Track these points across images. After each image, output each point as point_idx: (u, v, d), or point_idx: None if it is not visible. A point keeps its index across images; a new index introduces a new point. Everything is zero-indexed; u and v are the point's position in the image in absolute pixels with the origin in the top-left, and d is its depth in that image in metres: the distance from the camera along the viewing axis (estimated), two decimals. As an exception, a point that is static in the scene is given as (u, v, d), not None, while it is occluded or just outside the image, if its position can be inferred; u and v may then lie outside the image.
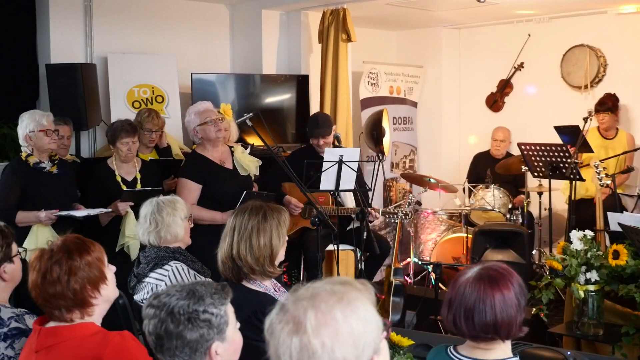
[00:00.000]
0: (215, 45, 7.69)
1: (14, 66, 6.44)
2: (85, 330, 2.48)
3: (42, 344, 2.44)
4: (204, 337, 2.06)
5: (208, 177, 5.09)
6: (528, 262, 6.43)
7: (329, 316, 1.54)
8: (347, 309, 1.56)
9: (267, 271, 3.14)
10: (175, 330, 2.04)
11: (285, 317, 1.57)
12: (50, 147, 4.92)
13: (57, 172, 4.99)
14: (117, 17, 6.87)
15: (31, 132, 4.86)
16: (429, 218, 7.65)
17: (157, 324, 2.05)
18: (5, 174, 4.95)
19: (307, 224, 5.82)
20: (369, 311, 1.59)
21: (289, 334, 1.54)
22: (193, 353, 2.06)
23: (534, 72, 8.56)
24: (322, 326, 1.53)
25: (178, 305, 2.06)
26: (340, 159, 5.29)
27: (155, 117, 5.75)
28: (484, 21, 8.71)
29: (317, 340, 1.52)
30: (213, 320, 2.08)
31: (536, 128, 8.11)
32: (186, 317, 2.05)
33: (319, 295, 1.58)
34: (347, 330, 1.54)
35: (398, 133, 8.74)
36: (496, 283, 2.36)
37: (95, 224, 5.08)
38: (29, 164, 4.90)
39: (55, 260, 2.46)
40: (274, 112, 7.40)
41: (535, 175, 6.63)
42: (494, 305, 2.33)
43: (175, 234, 3.78)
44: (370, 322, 1.58)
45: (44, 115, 4.94)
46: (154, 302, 2.10)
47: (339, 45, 7.17)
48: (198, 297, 2.08)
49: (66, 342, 2.44)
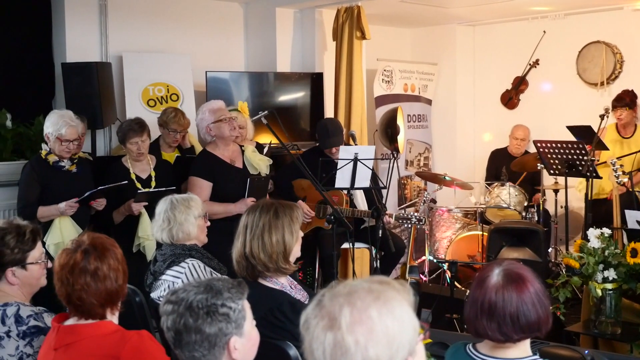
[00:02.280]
0: (229, 43, 7.69)
1: (30, 65, 6.46)
2: (104, 328, 2.49)
3: (60, 342, 2.45)
4: (223, 331, 2.06)
5: (218, 175, 5.11)
6: (544, 260, 6.40)
7: (365, 314, 1.53)
8: (383, 308, 1.55)
9: (281, 268, 3.13)
10: (194, 324, 2.04)
11: (320, 313, 1.56)
12: (62, 154, 4.95)
13: (75, 171, 5.03)
14: (132, 16, 6.88)
15: (50, 134, 4.91)
16: (444, 216, 7.62)
17: (176, 319, 2.06)
18: (25, 172, 4.99)
19: (321, 223, 5.81)
20: (405, 311, 1.58)
21: (323, 329, 1.54)
22: (212, 347, 2.06)
23: (550, 69, 8.52)
24: (357, 323, 1.52)
25: (196, 300, 2.06)
26: (356, 157, 5.28)
27: (181, 117, 5.72)
28: (498, 18, 8.68)
29: (351, 337, 1.51)
30: (231, 314, 2.08)
31: (552, 125, 8.06)
32: (205, 311, 2.05)
33: (356, 292, 1.57)
34: (381, 329, 1.53)
35: (412, 131, 8.73)
36: (526, 280, 2.36)
37: (108, 223, 5.10)
38: (49, 162, 4.93)
39: (94, 257, 2.48)
40: (287, 110, 7.40)
41: (551, 172, 6.59)
42: (534, 302, 2.34)
43: (188, 232, 3.78)
44: (406, 323, 1.57)
45: (67, 124, 4.90)
46: (172, 298, 2.10)
47: (353, 42, 7.16)
48: (216, 291, 2.09)
49: (85, 340, 2.45)
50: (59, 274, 2.48)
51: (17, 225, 2.88)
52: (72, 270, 2.46)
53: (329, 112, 7.57)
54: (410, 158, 8.75)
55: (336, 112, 7.15)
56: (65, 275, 2.46)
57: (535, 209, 7.23)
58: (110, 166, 5.30)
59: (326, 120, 6.53)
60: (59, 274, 2.48)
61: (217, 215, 4.91)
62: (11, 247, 2.82)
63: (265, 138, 6.51)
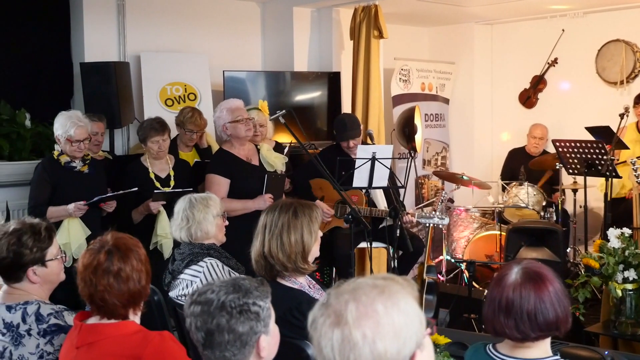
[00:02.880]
0: (246, 42, 7.70)
1: (48, 65, 6.50)
2: (126, 328, 2.50)
3: (83, 340, 2.46)
4: (253, 329, 2.07)
5: (235, 172, 5.11)
6: (563, 260, 6.36)
7: (370, 308, 1.54)
8: (388, 302, 1.56)
9: (299, 268, 3.13)
10: (227, 323, 2.04)
11: (327, 311, 1.57)
12: (74, 155, 4.95)
13: (88, 172, 5.03)
14: (149, 16, 6.91)
15: (60, 136, 4.92)
16: (461, 215, 7.60)
17: (207, 319, 2.05)
18: (36, 172, 5.01)
19: (339, 223, 5.80)
20: (410, 305, 1.59)
21: (330, 326, 1.55)
22: (243, 346, 2.06)
23: (568, 68, 8.47)
24: (363, 318, 1.53)
25: (228, 299, 2.06)
26: (373, 156, 5.26)
27: (198, 117, 5.73)
28: (516, 16, 8.63)
29: (358, 332, 1.52)
30: (261, 313, 2.09)
31: (570, 125, 8.02)
32: (238, 310, 2.05)
33: (361, 288, 1.59)
34: (388, 322, 1.54)
35: (430, 130, 8.70)
36: (545, 278, 2.35)
37: (127, 223, 5.11)
38: (60, 162, 4.95)
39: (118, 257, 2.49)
40: (304, 109, 7.39)
41: (570, 172, 6.55)
42: (552, 301, 2.32)
43: (206, 231, 3.79)
44: (412, 316, 1.58)
45: (75, 124, 4.89)
46: (199, 299, 2.09)
47: (370, 41, 7.15)
48: (245, 291, 2.09)
49: (107, 339, 2.45)
50: (82, 274, 2.48)
51: (31, 224, 2.89)
52: (96, 271, 2.46)
53: (346, 111, 7.55)
54: (428, 157, 8.72)
55: (353, 111, 7.14)
56: (89, 275, 2.47)
57: (553, 208, 7.18)
58: (129, 165, 5.32)
59: (344, 114, 6.56)
60: (82, 274, 2.48)
61: (235, 211, 4.92)
62: (29, 246, 2.83)
63: (284, 138, 6.52)
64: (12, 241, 2.81)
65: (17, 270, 2.84)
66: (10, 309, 2.81)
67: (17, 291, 2.87)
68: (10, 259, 2.81)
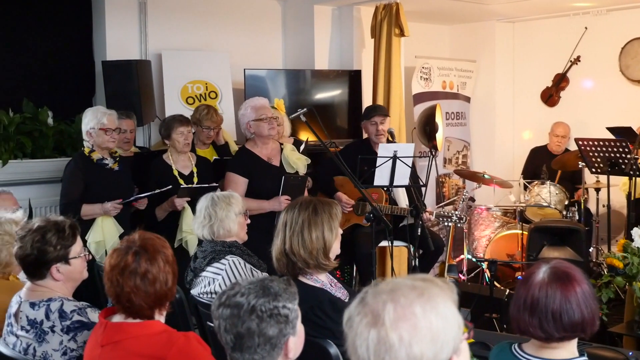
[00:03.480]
0: (267, 41, 7.70)
1: (70, 63, 6.53)
2: (151, 328, 2.50)
3: (108, 339, 2.46)
4: (282, 332, 2.07)
5: (254, 172, 5.11)
6: (585, 260, 6.31)
7: (408, 310, 1.52)
8: (427, 305, 1.53)
9: (321, 264, 3.12)
10: (257, 327, 2.04)
11: (364, 310, 1.55)
12: (109, 145, 4.97)
13: (118, 169, 5.05)
14: (171, 15, 6.93)
15: (92, 129, 4.93)
16: (482, 214, 7.56)
17: (237, 323, 2.05)
18: (69, 169, 5.00)
19: (359, 220, 5.79)
20: (449, 309, 1.56)
21: (366, 326, 1.52)
22: (272, 349, 2.07)
23: (591, 66, 8.40)
24: (401, 320, 1.51)
25: (259, 303, 2.06)
26: (395, 155, 5.24)
27: (213, 114, 5.76)
28: (539, 14, 8.58)
29: (394, 334, 1.49)
30: (290, 315, 2.10)
31: (593, 123, 7.94)
32: (268, 314, 2.05)
33: (399, 289, 1.56)
34: (426, 325, 1.51)
35: (451, 128, 8.66)
36: (573, 279, 2.32)
37: (152, 220, 5.13)
38: (92, 159, 4.96)
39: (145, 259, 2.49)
40: (324, 107, 7.37)
41: (593, 171, 6.50)
42: (579, 302, 2.30)
43: (229, 229, 3.79)
44: (451, 320, 1.55)
45: (105, 113, 4.97)
46: (228, 302, 2.08)
47: (391, 40, 7.13)
48: (274, 294, 2.09)
49: (132, 339, 2.46)
50: (109, 274, 2.49)
51: (55, 222, 2.91)
52: (123, 272, 2.47)
53: (367, 109, 7.55)
54: (449, 156, 8.69)
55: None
56: (115, 276, 2.47)
57: (576, 207, 7.13)
58: (152, 162, 5.33)
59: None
60: (109, 274, 2.49)
61: (251, 211, 4.91)
62: (53, 244, 2.84)
63: (303, 136, 6.51)
64: (36, 238, 2.82)
65: (41, 267, 2.85)
66: (34, 305, 2.83)
67: (40, 288, 2.88)
68: (34, 255, 2.83)
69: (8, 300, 2.98)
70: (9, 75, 6.14)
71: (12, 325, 2.88)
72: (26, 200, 5.74)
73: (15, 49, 6.19)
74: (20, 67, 6.22)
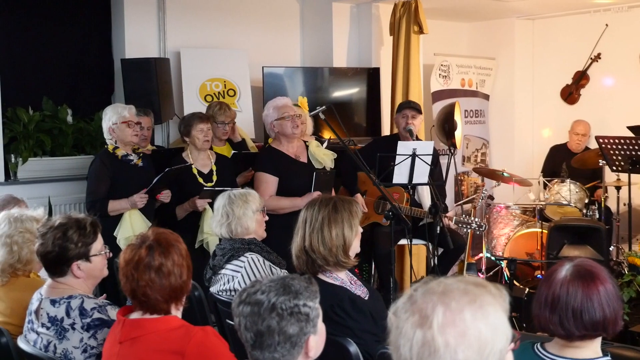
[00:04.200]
0: (285, 38, 7.70)
1: (90, 62, 6.56)
2: (169, 323, 2.50)
3: (126, 335, 2.47)
4: (303, 330, 2.06)
5: (283, 170, 5.09)
6: (606, 259, 6.25)
7: (458, 316, 1.48)
8: (478, 312, 1.49)
9: (341, 262, 3.12)
10: (277, 325, 2.03)
11: (412, 308, 1.51)
12: (132, 139, 5.00)
13: (142, 165, 5.07)
14: (189, 12, 6.94)
15: (114, 125, 4.95)
16: (501, 213, 7.51)
17: (257, 320, 2.04)
18: (94, 166, 5.00)
19: (378, 219, 5.77)
20: (500, 318, 1.52)
21: (413, 325, 1.49)
22: (292, 347, 2.05)
23: (612, 63, 8.33)
24: (450, 325, 1.47)
25: (279, 301, 2.05)
26: (414, 152, 5.22)
27: (226, 109, 5.76)
28: (559, 11, 8.51)
29: (441, 338, 1.46)
30: (310, 313, 2.08)
31: (614, 121, 7.89)
32: (289, 312, 2.04)
33: (451, 292, 1.52)
34: (474, 333, 1.47)
35: (470, 126, 8.62)
36: (597, 278, 2.29)
37: (171, 220, 5.13)
38: (117, 156, 4.98)
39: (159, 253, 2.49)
40: (342, 105, 7.35)
41: (614, 169, 6.45)
42: (601, 301, 2.27)
43: (247, 227, 3.78)
44: (500, 330, 1.51)
45: (125, 107, 5.01)
46: (248, 299, 2.08)
47: (410, 37, 7.10)
48: (295, 292, 2.08)
49: (150, 334, 2.46)
50: (124, 269, 2.49)
51: (77, 220, 2.91)
52: (137, 266, 2.47)
53: (385, 107, 7.53)
54: (467, 154, 8.65)
55: (393, 108, 7.10)
56: (130, 271, 2.47)
57: (596, 206, 7.07)
58: (172, 161, 5.33)
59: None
60: (124, 269, 2.49)
61: (284, 209, 4.93)
62: (75, 241, 2.85)
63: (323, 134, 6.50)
64: (57, 235, 2.83)
65: (62, 265, 2.86)
66: (55, 302, 2.84)
67: (61, 285, 2.89)
68: (56, 253, 2.84)
69: (29, 298, 2.99)
70: (28, 74, 6.18)
71: (33, 322, 2.89)
72: (46, 198, 5.78)
73: (34, 47, 6.23)
74: (40, 66, 6.26)
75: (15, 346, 2.96)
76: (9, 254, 3.26)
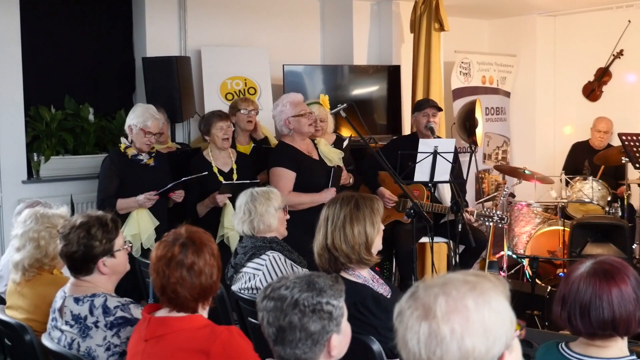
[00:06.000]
0: (306, 36, 7.69)
1: (111, 60, 6.59)
2: (195, 322, 2.50)
3: (151, 333, 2.47)
4: (325, 328, 2.06)
5: (300, 165, 5.08)
6: (629, 257, 6.20)
7: (460, 303, 1.50)
8: (479, 298, 1.51)
9: (363, 259, 3.10)
10: (299, 321, 2.03)
11: (415, 303, 1.53)
12: (142, 147, 5.03)
13: (153, 165, 5.10)
14: (210, 11, 6.95)
15: (134, 126, 5.00)
16: (523, 210, 7.46)
17: (279, 316, 2.04)
18: (104, 166, 5.08)
19: (400, 217, 5.75)
20: (501, 303, 1.54)
21: (417, 319, 1.51)
22: (314, 345, 2.05)
23: (635, 60, 8.24)
24: (453, 312, 1.49)
25: (302, 297, 2.05)
26: (435, 150, 5.20)
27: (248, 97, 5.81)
28: (581, 7, 8.44)
29: (446, 327, 1.47)
30: (334, 312, 2.08)
31: (637, 118, 7.82)
32: (311, 309, 2.04)
33: (451, 283, 1.54)
34: (478, 319, 1.48)
35: (491, 124, 8.57)
36: (612, 277, 2.25)
37: (193, 216, 5.14)
38: (128, 155, 5.02)
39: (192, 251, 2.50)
40: (362, 103, 7.32)
41: (637, 166, 6.39)
42: (611, 301, 2.23)
43: (269, 224, 3.79)
44: (503, 315, 1.52)
45: (153, 117, 5.03)
46: (272, 294, 2.08)
47: (431, 34, 7.08)
48: (319, 289, 2.08)
49: (175, 333, 2.46)
50: (156, 265, 2.50)
51: (98, 217, 2.93)
52: (169, 263, 2.47)
53: (406, 105, 7.51)
54: (488, 151, 8.60)
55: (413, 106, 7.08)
56: (162, 267, 2.48)
57: (618, 203, 7.00)
58: (192, 159, 5.34)
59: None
60: (156, 265, 2.50)
61: (303, 205, 4.92)
62: (99, 238, 2.87)
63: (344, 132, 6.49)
64: (81, 234, 2.85)
65: (88, 263, 2.88)
66: (78, 301, 2.86)
67: (84, 283, 2.91)
68: (82, 251, 2.85)
69: (53, 294, 3.01)
70: (50, 73, 6.21)
71: (57, 320, 2.91)
72: (68, 196, 5.82)
73: (56, 46, 6.26)
74: (62, 64, 6.29)
75: (39, 343, 2.98)
76: (36, 249, 3.27)
